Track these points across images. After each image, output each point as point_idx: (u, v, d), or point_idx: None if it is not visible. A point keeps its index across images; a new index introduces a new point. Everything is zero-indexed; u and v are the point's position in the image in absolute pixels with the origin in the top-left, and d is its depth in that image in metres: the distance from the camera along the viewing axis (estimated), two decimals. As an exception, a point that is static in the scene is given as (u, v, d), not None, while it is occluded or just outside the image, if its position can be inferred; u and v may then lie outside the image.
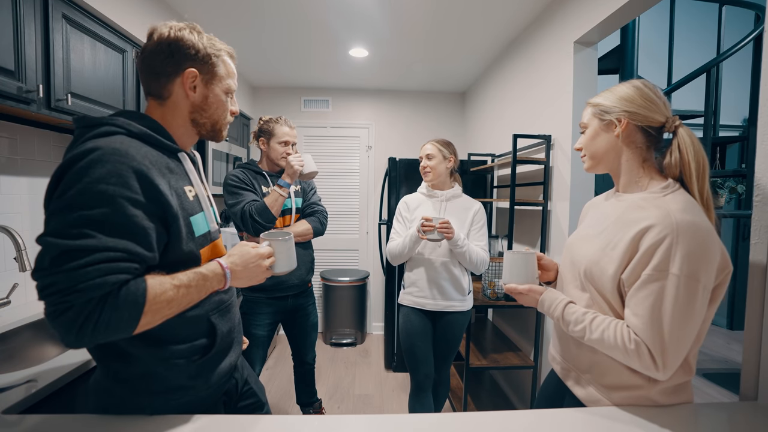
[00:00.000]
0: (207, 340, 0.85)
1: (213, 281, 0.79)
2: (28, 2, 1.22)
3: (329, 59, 2.95)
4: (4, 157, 1.49)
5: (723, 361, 3.24)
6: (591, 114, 0.93)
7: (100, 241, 0.64)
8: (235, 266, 0.83)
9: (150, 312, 0.68)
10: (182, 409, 0.82)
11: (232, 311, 0.94)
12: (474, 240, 1.75)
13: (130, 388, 0.78)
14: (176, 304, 0.73)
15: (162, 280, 0.71)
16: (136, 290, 0.66)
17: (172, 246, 0.76)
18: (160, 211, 0.73)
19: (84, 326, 0.62)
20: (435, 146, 1.78)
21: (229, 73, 0.89)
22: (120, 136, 0.73)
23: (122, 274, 0.65)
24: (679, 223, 0.74)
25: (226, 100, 0.89)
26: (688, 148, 0.83)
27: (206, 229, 0.85)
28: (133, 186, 0.68)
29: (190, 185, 0.85)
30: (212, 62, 0.84)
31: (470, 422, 0.82)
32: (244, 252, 0.86)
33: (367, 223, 3.78)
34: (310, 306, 1.95)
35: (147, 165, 0.71)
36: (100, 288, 0.62)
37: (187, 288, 0.74)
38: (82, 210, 0.64)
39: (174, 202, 0.75)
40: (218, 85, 0.86)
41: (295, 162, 1.66)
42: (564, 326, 0.90)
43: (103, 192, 0.65)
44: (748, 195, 2.32)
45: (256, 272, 0.87)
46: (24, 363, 1.26)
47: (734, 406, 0.95)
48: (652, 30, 3.62)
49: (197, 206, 0.84)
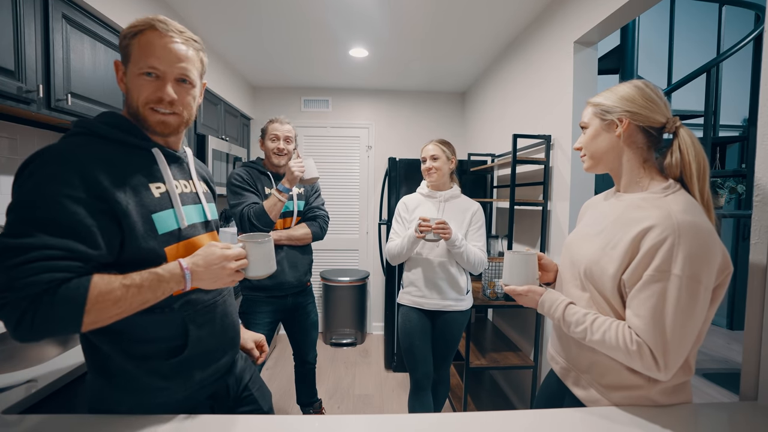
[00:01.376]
0: (177, 342, 0.83)
1: (171, 281, 0.76)
2: (28, 2, 1.22)
3: (329, 59, 2.95)
4: (4, 157, 1.49)
5: (723, 361, 3.24)
6: (592, 113, 0.93)
7: (38, 240, 0.65)
8: (196, 267, 0.78)
9: (94, 310, 0.67)
10: (159, 410, 0.81)
11: (215, 312, 0.90)
12: (472, 240, 1.75)
13: (110, 384, 0.80)
14: (126, 304, 0.71)
15: (110, 279, 0.70)
16: (76, 288, 0.66)
17: (128, 243, 0.75)
18: (107, 208, 0.72)
19: (21, 322, 0.63)
20: (439, 147, 1.77)
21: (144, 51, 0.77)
22: (78, 137, 0.75)
23: (60, 272, 0.66)
24: (681, 224, 0.74)
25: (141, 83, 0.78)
26: (689, 148, 0.83)
27: (174, 226, 0.82)
28: (76, 184, 0.69)
29: (160, 182, 0.82)
30: (125, 45, 0.78)
31: (470, 422, 0.83)
32: (209, 252, 0.80)
33: (367, 223, 3.78)
34: (309, 304, 1.95)
35: (95, 163, 0.72)
36: (32, 286, 0.63)
37: (138, 288, 0.72)
38: (26, 209, 0.66)
39: (124, 198, 0.74)
40: (132, 68, 0.78)
41: (296, 167, 1.65)
42: (565, 327, 0.90)
43: (45, 191, 0.67)
44: (748, 195, 2.32)
45: (220, 274, 0.80)
46: (24, 363, 1.26)
47: (734, 406, 0.95)
48: (652, 30, 3.62)
49: (163, 203, 0.81)
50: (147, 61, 0.77)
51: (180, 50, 0.80)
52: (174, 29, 0.80)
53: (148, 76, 0.78)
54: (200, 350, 0.86)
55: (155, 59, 0.77)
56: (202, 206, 0.93)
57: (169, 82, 0.80)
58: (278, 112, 2.96)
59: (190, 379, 0.84)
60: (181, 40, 0.81)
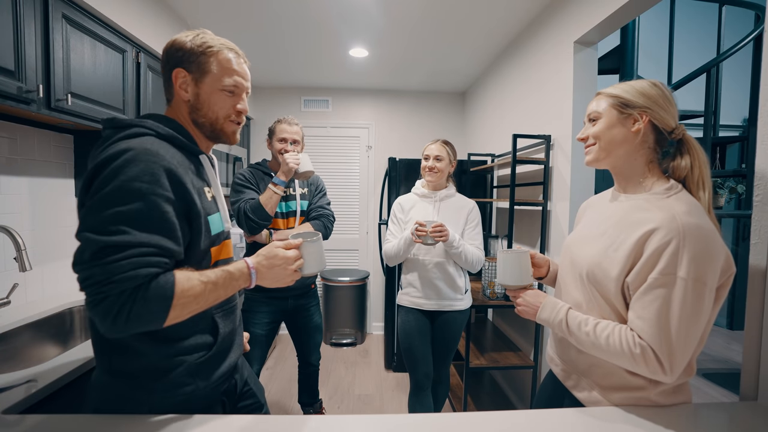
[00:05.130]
0: (210, 339, 0.86)
1: (240, 280, 0.81)
2: (28, 2, 1.22)
3: (329, 59, 2.95)
4: (4, 157, 1.49)
5: (723, 361, 3.24)
6: (608, 105, 0.89)
7: (134, 237, 0.67)
8: (261, 266, 0.85)
9: (178, 305, 0.71)
10: (179, 408, 0.82)
11: (235, 313, 0.95)
12: (469, 239, 1.75)
13: (129, 384, 0.79)
14: (203, 300, 0.75)
15: (190, 275, 0.74)
16: (165, 283, 0.69)
17: (193, 243, 0.79)
18: (186, 209, 0.77)
19: (118, 315, 0.65)
20: (444, 148, 1.77)
21: (225, 69, 0.85)
22: (150, 137, 0.76)
23: (153, 267, 0.69)
24: (686, 226, 0.74)
25: (222, 98, 0.86)
26: (699, 152, 0.84)
27: (221, 228, 0.88)
28: (164, 184, 0.72)
29: (209, 186, 0.88)
30: (200, 60, 0.83)
31: (470, 422, 0.82)
32: (272, 253, 0.86)
33: (367, 223, 3.78)
34: (313, 307, 1.94)
35: (175, 165, 0.75)
36: (132, 280, 0.66)
37: (214, 284, 0.76)
38: (118, 207, 0.67)
39: (198, 201, 0.79)
40: (211, 82, 0.84)
41: (291, 160, 1.66)
42: (567, 332, 0.89)
43: (137, 189, 0.69)
44: (748, 195, 2.32)
45: (282, 274, 0.87)
46: (24, 363, 1.26)
47: (734, 406, 0.95)
48: (652, 30, 3.62)
49: (214, 206, 0.87)
50: (232, 79, 0.85)
51: (247, 70, 0.90)
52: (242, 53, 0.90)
53: (229, 92, 0.86)
54: (223, 348, 0.89)
55: (239, 78, 0.87)
56: (228, 209, 0.97)
57: (244, 97, 0.90)
58: (278, 112, 2.96)
59: (213, 376, 0.87)
60: (245, 60, 0.91)
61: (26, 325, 1.35)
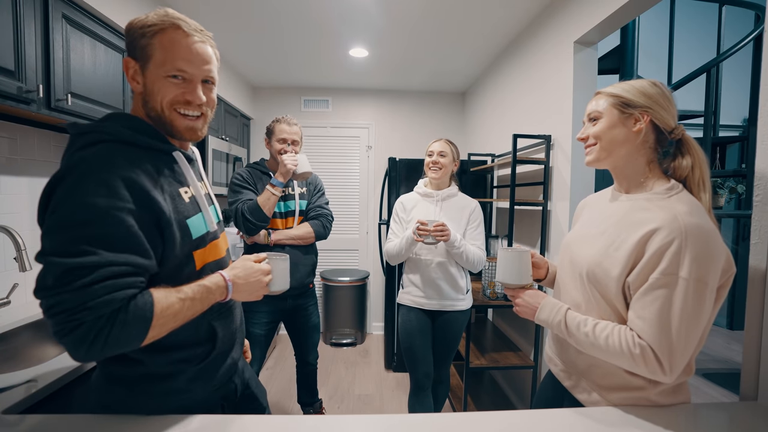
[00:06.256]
0: (208, 345, 0.85)
1: (216, 293, 0.79)
2: (28, 2, 1.22)
3: (329, 59, 2.95)
4: (4, 157, 1.49)
5: (723, 361, 3.24)
6: (609, 104, 0.88)
7: (102, 257, 0.63)
8: (237, 279, 0.83)
9: (157, 326, 0.68)
10: (179, 411, 0.82)
11: (234, 313, 0.94)
12: (471, 239, 1.74)
13: (129, 389, 0.79)
14: (181, 317, 0.73)
15: (167, 293, 0.71)
16: (144, 305, 0.66)
17: (168, 252, 0.75)
18: (154, 218, 0.71)
19: (95, 342, 0.62)
20: (448, 146, 1.77)
21: (168, 52, 0.74)
22: (107, 144, 0.70)
23: (129, 289, 0.65)
24: (687, 227, 0.74)
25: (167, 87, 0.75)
26: (699, 152, 0.84)
27: (204, 230, 0.83)
28: (124, 195, 0.66)
29: (186, 186, 0.82)
30: (142, 44, 0.74)
31: (470, 422, 0.82)
32: (247, 266, 0.86)
33: (367, 223, 3.78)
34: (311, 306, 1.94)
35: (136, 172, 0.69)
36: (108, 305, 0.62)
37: (191, 301, 0.74)
38: (78, 226, 0.63)
39: (167, 207, 0.73)
40: (154, 68, 0.74)
41: (289, 161, 1.65)
42: (566, 333, 0.89)
43: (95, 205, 0.63)
44: (748, 195, 2.32)
45: (257, 287, 0.86)
46: (24, 363, 1.26)
47: (734, 406, 0.95)
48: (652, 30, 3.62)
49: (194, 208, 0.81)
50: (174, 63, 0.74)
51: (205, 51, 0.78)
52: (195, 28, 0.77)
53: (174, 78, 0.75)
54: (222, 351, 0.88)
55: (184, 62, 0.75)
56: (215, 206, 0.94)
57: (198, 85, 0.78)
58: (278, 112, 2.96)
59: (212, 380, 0.86)
60: (203, 39, 0.78)
61: (26, 325, 1.35)
